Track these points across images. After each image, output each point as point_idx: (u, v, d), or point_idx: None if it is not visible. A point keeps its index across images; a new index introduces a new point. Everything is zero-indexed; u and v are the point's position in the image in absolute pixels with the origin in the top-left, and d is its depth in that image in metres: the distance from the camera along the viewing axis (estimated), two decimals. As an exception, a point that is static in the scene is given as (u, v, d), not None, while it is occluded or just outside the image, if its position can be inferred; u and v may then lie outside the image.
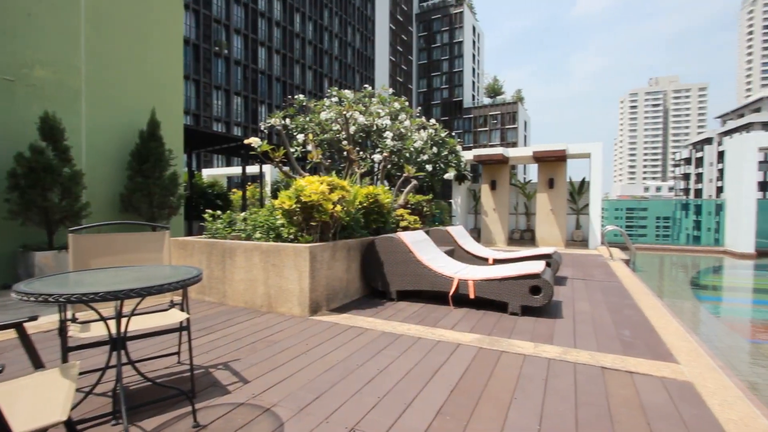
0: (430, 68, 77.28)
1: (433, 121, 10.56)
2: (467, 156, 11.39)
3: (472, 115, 73.15)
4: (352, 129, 7.98)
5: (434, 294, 4.66)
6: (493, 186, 11.15)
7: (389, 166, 8.60)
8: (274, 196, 7.07)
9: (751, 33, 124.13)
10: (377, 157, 7.89)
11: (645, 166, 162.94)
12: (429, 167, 9.32)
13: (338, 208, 3.94)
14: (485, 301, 4.29)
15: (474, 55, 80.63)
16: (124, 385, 2.38)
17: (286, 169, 5.36)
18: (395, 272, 4.50)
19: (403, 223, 6.04)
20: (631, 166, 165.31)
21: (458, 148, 10.74)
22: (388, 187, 7.06)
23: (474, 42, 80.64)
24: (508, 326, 3.67)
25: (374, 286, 4.70)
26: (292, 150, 8.66)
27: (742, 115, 63.31)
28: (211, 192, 10.64)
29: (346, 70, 56.25)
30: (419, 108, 13.17)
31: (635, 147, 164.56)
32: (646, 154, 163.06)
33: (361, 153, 8.66)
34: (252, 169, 15.68)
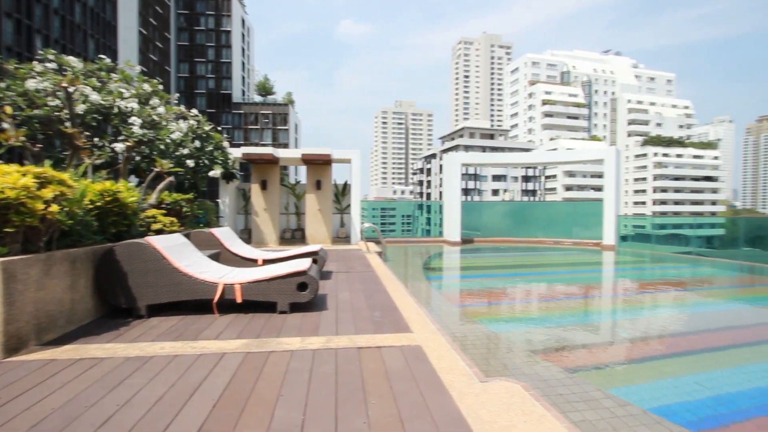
0: (193, 52, 69.24)
1: (195, 111, 9.50)
2: (236, 153, 10.85)
3: (242, 111, 69.88)
4: (80, 108, 6.27)
5: (196, 303, 4.20)
6: (263, 186, 11.01)
7: (138, 159, 7.20)
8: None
9: (457, 78, 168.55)
10: (119, 146, 6.43)
11: (393, 173, 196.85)
12: (191, 163, 8.34)
13: (54, 208, 3.00)
14: (254, 304, 4.17)
15: (244, 49, 77.59)
16: None
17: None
18: (145, 284, 3.81)
19: (156, 226, 5.18)
20: (383, 172, 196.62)
21: (225, 144, 10.06)
22: (135, 184, 5.92)
23: (243, 35, 77.65)
24: (277, 325, 3.68)
25: (115, 304, 3.84)
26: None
27: (453, 138, 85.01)
28: None
29: (74, 31, 43.77)
30: (178, 95, 11.64)
31: (386, 156, 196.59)
32: (394, 163, 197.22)
33: (95, 140, 6.90)
34: None
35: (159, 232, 5.18)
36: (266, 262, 5.59)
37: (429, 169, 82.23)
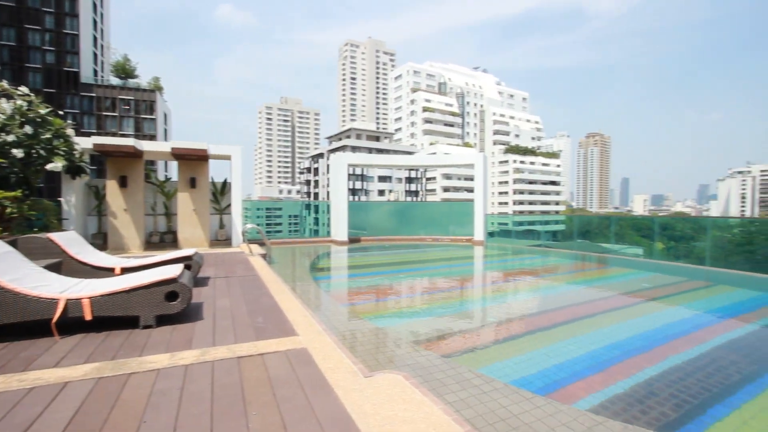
0: (21, 16, 55.85)
1: (25, 89, 7.70)
2: (85, 144, 9.15)
3: (94, 94, 59.01)
4: None
5: (29, 326, 3.43)
6: (123, 183, 9.50)
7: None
8: None
9: (344, 79, 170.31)
10: None
11: (279, 171, 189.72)
12: (19, 153, 6.72)
13: None
14: (111, 320, 3.57)
15: (96, 21, 65.88)
16: None
17: None
18: (-54, 306, 2.96)
19: (-35, 231, 4.06)
20: (269, 171, 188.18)
21: (70, 131, 8.37)
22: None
23: (95, 4, 65.93)
24: (139, 342, 3.22)
25: None
26: None
27: (340, 139, 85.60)
28: None
29: None
30: None
31: (271, 154, 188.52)
32: (279, 161, 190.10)
33: None
34: None
35: (-31, 238, 4.07)
36: (126, 270, 4.84)
37: (317, 169, 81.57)
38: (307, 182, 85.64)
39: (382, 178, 76.25)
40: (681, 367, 3.82)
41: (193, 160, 10.17)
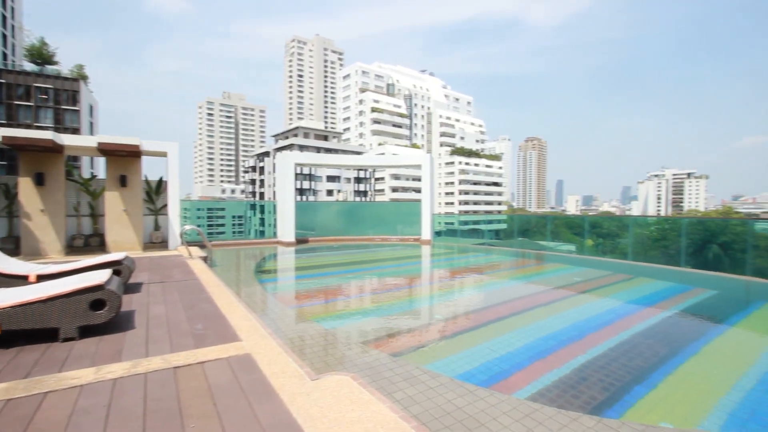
0: None
1: None
2: (-6, 136, 8.11)
3: (3, 81, 52.22)
4: None
5: None
6: (39, 180, 8.52)
7: None
8: None
9: (290, 76, 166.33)
10: None
11: (222, 170, 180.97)
12: None
13: None
14: (24, 333, 3.20)
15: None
16: None
17: None
18: None
19: None
20: (210, 169, 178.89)
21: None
22: None
23: (6, -18, 58.64)
24: (59, 357, 2.91)
25: None
26: None
27: (287, 137, 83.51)
28: None
29: None
30: None
31: (213, 151, 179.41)
32: (222, 159, 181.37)
33: None
34: None
35: None
36: (42, 278, 4.35)
37: (262, 168, 78.93)
38: (252, 182, 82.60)
39: (331, 178, 75.49)
40: (607, 354, 4.16)
41: (123, 156, 9.40)
